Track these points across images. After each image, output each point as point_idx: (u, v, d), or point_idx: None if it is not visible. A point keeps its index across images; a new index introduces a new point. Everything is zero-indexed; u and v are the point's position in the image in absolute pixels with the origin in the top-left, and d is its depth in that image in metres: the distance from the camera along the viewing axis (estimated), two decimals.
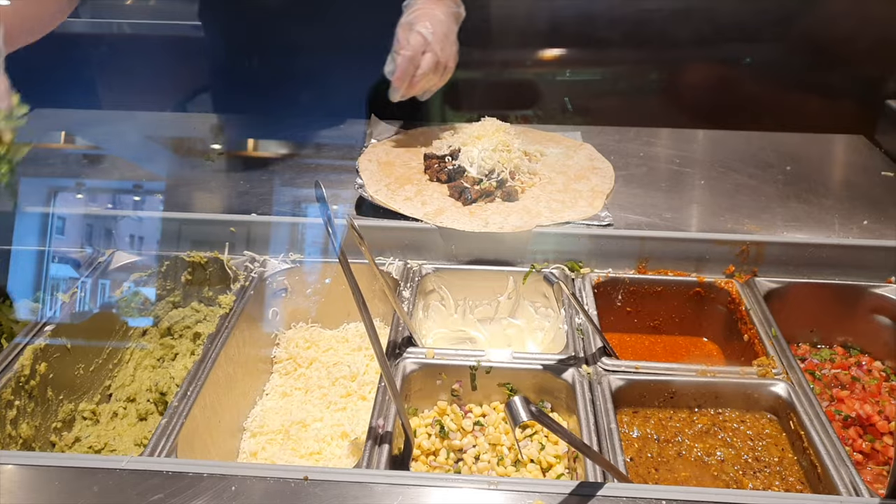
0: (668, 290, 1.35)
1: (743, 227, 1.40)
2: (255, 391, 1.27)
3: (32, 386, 1.12)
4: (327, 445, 1.16)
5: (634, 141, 1.81)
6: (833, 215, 1.45)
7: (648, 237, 1.36)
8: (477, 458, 1.08)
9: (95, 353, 1.26)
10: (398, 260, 1.38)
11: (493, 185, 1.45)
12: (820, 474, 0.97)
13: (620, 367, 1.13)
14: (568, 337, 1.20)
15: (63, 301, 1.25)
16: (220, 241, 1.39)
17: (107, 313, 1.31)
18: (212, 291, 1.38)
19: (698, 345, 1.36)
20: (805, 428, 1.03)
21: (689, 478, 1.03)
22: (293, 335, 1.37)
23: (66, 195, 1.49)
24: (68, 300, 1.25)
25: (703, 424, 1.11)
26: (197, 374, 1.10)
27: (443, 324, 1.39)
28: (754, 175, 1.62)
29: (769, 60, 2.43)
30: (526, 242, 1.36)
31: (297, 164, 1.66)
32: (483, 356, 1.16)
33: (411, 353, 1.16)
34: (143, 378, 1.29)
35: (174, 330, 1.34)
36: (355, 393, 1.25)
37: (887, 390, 1.20)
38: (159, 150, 1.75)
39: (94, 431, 1.20)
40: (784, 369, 1.13)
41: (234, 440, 1.18)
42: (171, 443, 0.98)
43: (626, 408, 1.12)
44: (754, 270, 1.35)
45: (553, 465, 1.06)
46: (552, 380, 1.13)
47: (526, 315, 1.37)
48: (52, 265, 1.36)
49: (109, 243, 1.40)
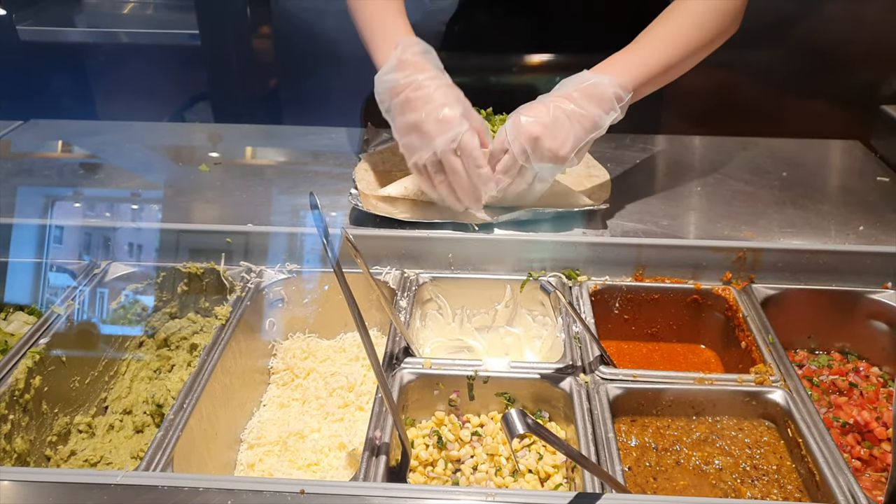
0: (665, 298, 1.34)
1: (739, 233, 1.40)
2: (252, 402, 1.26)
3: (27, 399, 1.12)
4: (325, 457, 1.15)
5: (631, 147, 1.81)
6: (829, 221, 1.45)
7: (645, 244, 1.36)
8: (475, 468, 1.08)
9: (91, 365, 1.25)
10: (395, 269, 1.38)
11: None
12: (818, 482, 0.97)
13: (618, 375, 1.13)
14: (565, 345, 1.19)
15: (58, 313, 1.24)
16: (216, 251, 1.38)
17: (103, 324, 1.31)
18: (208, 302, 1.38)
19: (696, 352, 1.36)
20: (803, 435, 1.02)
21: (688, 486, 1.03)
22: (290, 346, 1.36)
23: (62, 206, 1.49)
24: (63, 312, 1.25)
25: (701, 433, 1.10)
26: (193, 386, 1.10)
27: (440, 333, 1.39)
28: (750, 181, 1.63)
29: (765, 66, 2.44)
30: (522, 250, 1.36)
31: (293, 173, 1.66)
32: (480, 366, 1.16)
33: (408, 364, 1.16)
34: (139, 390, 1.28)
35: (171, 341, 1.34)
36: (353, 403, 1.25)
37: (885, 396, 1.20)
38: (155, 160, 1.75)
39: (90, 445, 1.19)
40: (782, 376, 1.13)
41: (231, 452, 1.17)
42: (167, 456, 0.97)
43: (624, 416, 1.12)
44: (751, 277, 1.35)
45: (551, 475, 1.06)
46: (550, 389, 1.13)
47: (524, 323, 1.37)
48: (47, 276, 1.36)
49: (105, 254, 1.39)
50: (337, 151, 1.78)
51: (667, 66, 1.36)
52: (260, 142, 1.87)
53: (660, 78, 1.37)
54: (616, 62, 1.36)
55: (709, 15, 1.38)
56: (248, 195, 1.54)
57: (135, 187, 1.57)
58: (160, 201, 1.53)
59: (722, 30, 1.40)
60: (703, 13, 1.38)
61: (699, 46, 1.38)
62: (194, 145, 1.84)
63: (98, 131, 1.88)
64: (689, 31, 1.38)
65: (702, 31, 1.38)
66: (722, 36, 1.41)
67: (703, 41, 1.38)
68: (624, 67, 1.34)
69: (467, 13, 1.94)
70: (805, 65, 2.42)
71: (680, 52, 1.36)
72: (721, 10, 1.39)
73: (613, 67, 1.35)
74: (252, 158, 1.81)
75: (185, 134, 1.99)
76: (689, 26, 1.38)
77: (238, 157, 1.79)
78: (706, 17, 1.38)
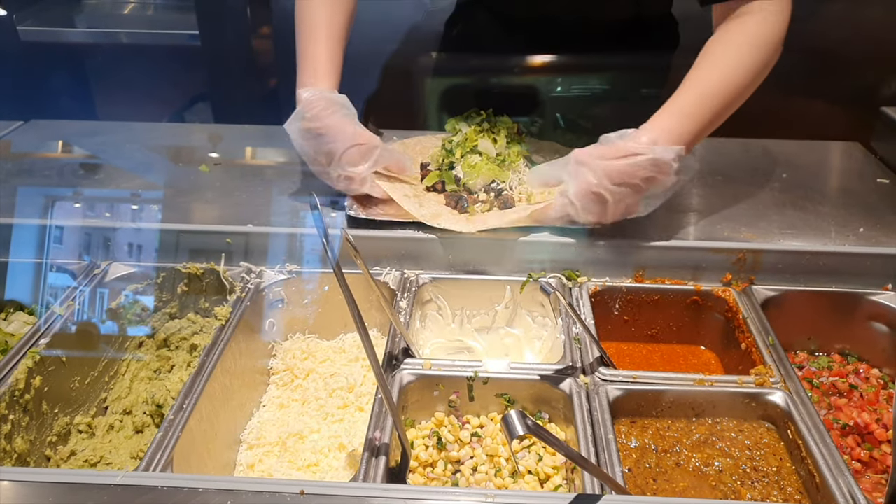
0: (665, 299, 1.34)
1: (739, 234, 1.40)
2: (251, 403, 1.26)
3: (27, 400, 1.12)
4: (324, 457, 1.15)
5: None
6: (829, 223, 1.45)
7: (645, 246, 1.36)
8: (475, 469, 1.08)
9: (91, 366, 1.25)
10: (395, 270, 1.38)
11: (491, 197, 1.44)
12: (818, 484, 0.97)
13: (618, 376, 1.13)
14: (565, 347, 1.19)
15: (58, 313, 1.24)
16: (216, 251, 1.38)
17: (103, 325, 1.31)
18: (208, 303, 1.38)
19: (696, 353, 1.36)
20: (803, 437, 1.02)
21: (688, 488, 1.03)
22: (290, 346, 1.36)
23: (62, 206, 1.49)
24: (64, 312, 1.25)
25: (700, 434, 1.10)
26: (193, 387, 1.10)
27: (440, 333, 1.39)
28: (751, 182, 1.62)
29: None
30: (523, 251, 1.36)
31: (293, 173, 1.66)
32: (480, 367, 1.16)
33: (408, 364, 1.16)
34: (139, 390, 1.28)
35: (170, 341, 1.33)
36: (352, 404, 1.25)
37: (885, 398, 1.20)
38: (155, 161, 1.75)
39: (90, 445, 1.19)
40: (782, 378, 1.13)
41: (230, 452, 1.17)
42: (166, 456, 0.97)
43: (624, 418, 1.12)
44: (751, 278, 1.35)
45: (551, 476, 1.06)
46: (549, 390, 1.13)
47: (523, 324, 1.37)
48: (48, 276, 1.36)
49: (105, 254, 1.39)
50: None
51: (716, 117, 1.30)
52: (260, 142, 1.87)
53: (709, 129, 1.32)
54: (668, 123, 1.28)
55: (753, 49, 1.28)
56: (247, 195, 1.54)
57: (135, 188, 1.57)
58: (160, 202, 1.53)
59: (767, 62, 1.30)
60: (748, 47, 1.29)
61: (745, 87, 1.30)
62: (194, 146, 1.84)
63: (98, 132, 1.88)
64: (734, 74, 1.28)
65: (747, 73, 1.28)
66: (767, 69, 1.31)
67: (748, 81, 1.29)
68: (680, 133, 1.27)
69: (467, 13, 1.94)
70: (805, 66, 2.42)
71: (727, 101, 1.28)
72: (765, 39, 1.29)
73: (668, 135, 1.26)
74: (252, 159, 1.81)
75: (185, 134, 1.99)
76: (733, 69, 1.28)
77: (238, 158, 1.79)
78: (751, 52, 1.28)
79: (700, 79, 1.30)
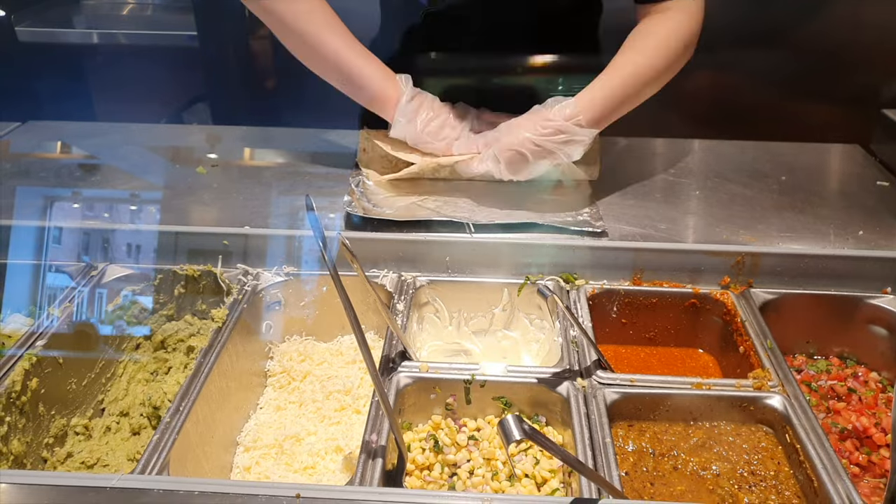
0: (663, 302, 1.34)
1: (738, 237, 1.40)
2: (248, 405, 1.26)
3: (24, 402, 1.11)
4: (321, 460, 1.15)
5: (629, 151, 1.81)
6: (828, 225, 1.45)
7: (643, 248, 1.36)
8: (471, 472, 1.08)
9: (88, 367, 1.25)
10: (392, 272, 1.38)
11: None
12: (816, 488, 0.97)
13: (615, 380, 1.13)
14: (563, 350, 1.19)
15: (55, 315, 1.24)
16: (213, 253, 1.38)
17: (100, 326, 1.30)
18: (205, 304, 1.37)
19: (694, 356, 1.36)
20: (801, 441, 1.02)
21: (685, 492, 1.02)
22: (287, 348, 1.36)
23: (60, 207, 1.49)
24: (60, 314, 1.25)
25: (698, 438, 1.10)
26: (189, 389, 1.10)
27: (437, 336, 1.38)
28: (749, 185, 1.62)
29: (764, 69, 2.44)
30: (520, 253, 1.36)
31: (291, 175, 1.65)
32: (477, 370, 1.15)
33: (405, 367, 1.16)
34: (136, 392, 1.28)
35: (167, 343, 1.33)
36: (349, 407, 1.24)
37: (884, 402, 1.19)
38: (153, 162, 1.74)
39: (87, 447, 1.18)
40: (780, 381, 1.12)
41: (227, 455, 1.17)
42: (163, 458, 0.97)
43: (622, 421, 1.12)
44: (750, 281, 1.35)
45: (548, 480, 1.06)
46: (547, 393, 1.13)
47: (521, 327, 1.37)
48: (44, 278, 1.35)
49: (103, 256, 1.39)
50: (334, 154, 1.77)
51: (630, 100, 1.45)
52: (257, 144, 1.87)
53: (623, 110, 1.46)
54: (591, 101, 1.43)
55: (671, 42, 1.45)
56: (245, 197, 1.54)
57: (132, 189, 1.57)
58: (158, 203, 1.52)
59: (680, 56, 1.47)
60: (665, 41, 1.45)
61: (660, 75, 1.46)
62: (192, 147, 1.83)
63: (96, 133, 1.88)
64: (652, 58, 1.45)
65: (666, 58, 1.45)
66: (679, 63, 1.48)
67: (662, 72, 1.46)
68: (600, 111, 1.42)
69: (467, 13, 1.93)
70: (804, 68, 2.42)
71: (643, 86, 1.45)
72: (682, 33, 1.46)
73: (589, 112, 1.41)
74: (249, 160, 1.81)
75: (182, 135, 1.99)
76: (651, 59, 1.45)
77: (235, 159, 1.78)
78: (668, 45, 1.45)
79: (623, 65, 1.46)
